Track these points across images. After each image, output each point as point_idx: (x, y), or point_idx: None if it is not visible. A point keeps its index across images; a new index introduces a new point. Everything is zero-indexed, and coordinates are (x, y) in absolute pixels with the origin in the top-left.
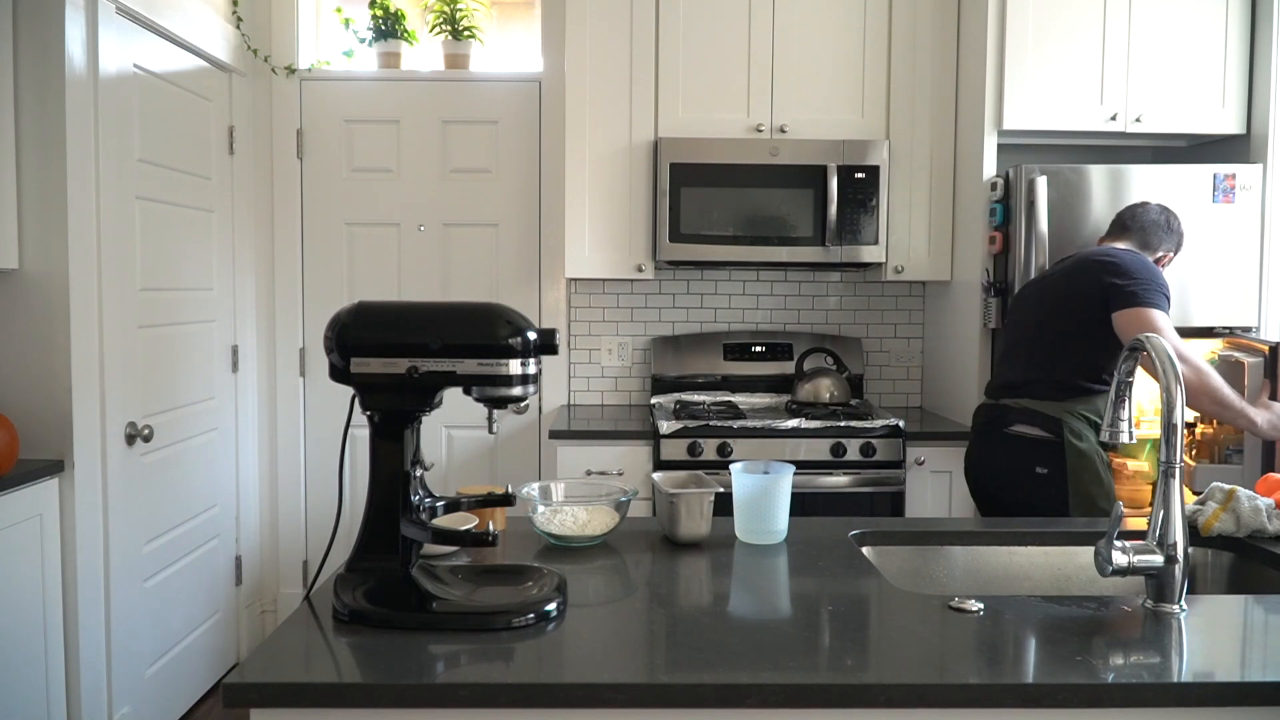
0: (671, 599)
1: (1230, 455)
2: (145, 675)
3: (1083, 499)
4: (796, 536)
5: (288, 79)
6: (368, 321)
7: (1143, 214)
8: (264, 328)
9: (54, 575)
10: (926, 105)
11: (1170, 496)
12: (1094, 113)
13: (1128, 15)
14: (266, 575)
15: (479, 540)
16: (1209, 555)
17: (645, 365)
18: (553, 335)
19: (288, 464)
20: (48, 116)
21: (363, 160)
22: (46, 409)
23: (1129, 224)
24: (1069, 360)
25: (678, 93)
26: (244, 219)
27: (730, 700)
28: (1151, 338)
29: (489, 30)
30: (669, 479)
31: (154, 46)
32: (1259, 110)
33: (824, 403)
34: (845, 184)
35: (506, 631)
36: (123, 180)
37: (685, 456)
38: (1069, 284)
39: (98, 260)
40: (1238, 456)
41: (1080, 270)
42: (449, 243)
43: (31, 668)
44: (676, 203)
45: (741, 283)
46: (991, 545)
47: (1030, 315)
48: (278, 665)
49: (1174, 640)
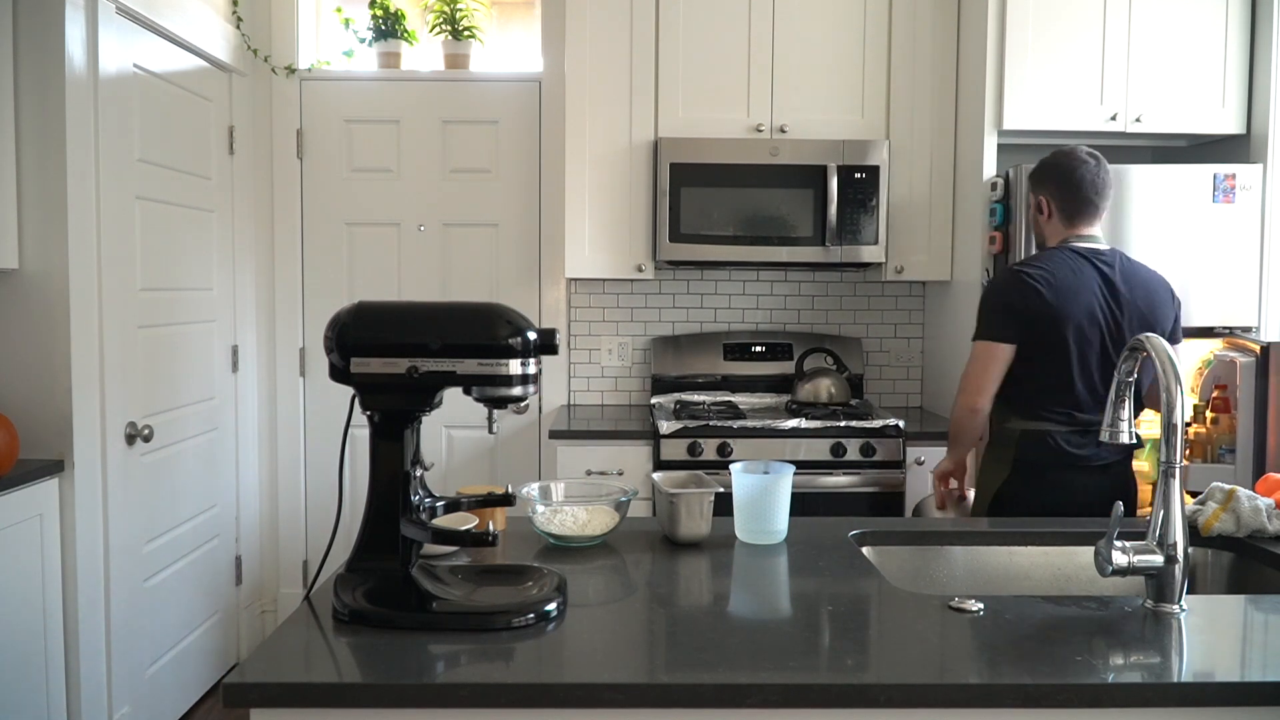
0: (671, 599)
1: (1224, 455)
2: (145, 675)
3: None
4: (796, 536)
5: (288, 79)
6: (368, 321)
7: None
8: (264, 328)
9: (54, 575)
10: (926, 105)
11: (1170, 496)
12: (1094, 113)
13: (1128, 15)
14: (266, 575)
15: (479, 540)
16: (1209, 555)
17: (645, 365)
18: (553, 335)
19: (288, 464)
20: (48, 116)
21: (363, 160)
22: (46, 409)
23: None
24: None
25: (678, 93)
26: (244, 219)
27: (730, 700)
28: (1152, 338)
29: (489, 30)
30: (669, 479)
31: (154, 46)
32: (1259, 110)
33: (824, 403)
34: (845, 184)
35: (506, 631)
36: (123, 180)
37: (685, 456)
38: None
39: (98, 260)
40: (1230, 456)
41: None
42: (449, 243)
43: (31, 668)
44: (676, 203)
45: (741, 283)
46: (991, 545)
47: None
48: (278, 665)
49: (1174, 640)
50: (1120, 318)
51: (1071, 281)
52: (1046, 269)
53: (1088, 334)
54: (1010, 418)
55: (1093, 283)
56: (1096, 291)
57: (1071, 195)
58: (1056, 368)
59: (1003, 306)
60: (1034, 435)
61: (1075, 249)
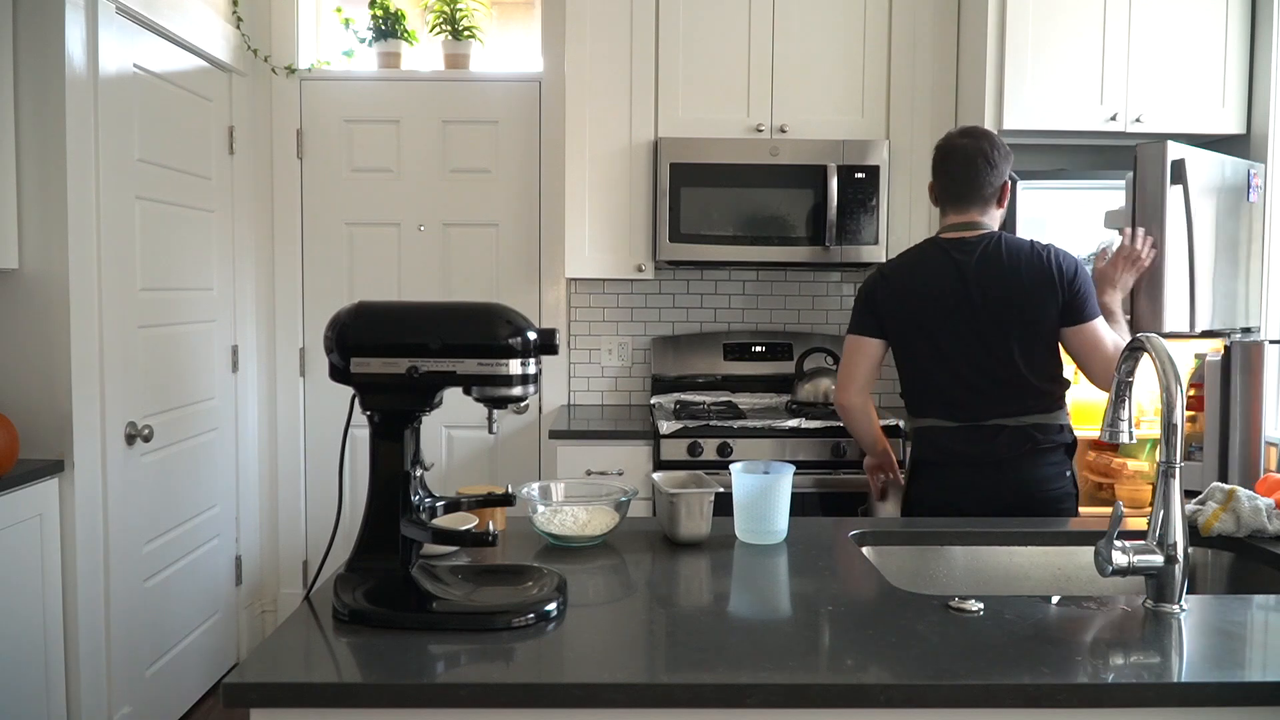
0: (671, 599)
1: (1194, 451)
2: (145, 675)
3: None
4: (796, 536)
5: (288, 79)
6: (368, 321)
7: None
8: (264, 328)
9: (54, 575)
10: (926, 105)
11: (1170, 496)
12: (1094, 113)
13: (1128, 15)
14: (266, 575)
15: (479, 540)
16: (1209, 555)
17: (645, 365)
18: (553, 335)
19: (288, 464)
20: (48, 116)
21: (363, 160)
22: (46, 409)
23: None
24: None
25: (678, 93)
26: (244, 219)
27: (730, 700)
28: (1152, 338)
29: (489, 30)
30: (669, 479)
31: (154, 46)
32: (1259, 110)
33: (824, 403)
34: (845, 184)
35: (506, 631)
36: (123, 180)
37: (685, 456)
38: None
39: (98, 260)
40: (1199, 453)
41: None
42: (449, 243)
43: (31, 668)
44: (676, 203)
45: (741, 283)
46: (991, 545)
47: None
48: (278, 665)
49: (1174, 640)
50: (978, 307)
51: (920, 274)
52: (899, 263)
53: (940, 326)
54: (906, 417)
55: (944, 274)
56: (947, 283)
57: (938, 184)
58: (918, 362)
59: (863, 300)
60: (922, 433)
61: (936, 240)
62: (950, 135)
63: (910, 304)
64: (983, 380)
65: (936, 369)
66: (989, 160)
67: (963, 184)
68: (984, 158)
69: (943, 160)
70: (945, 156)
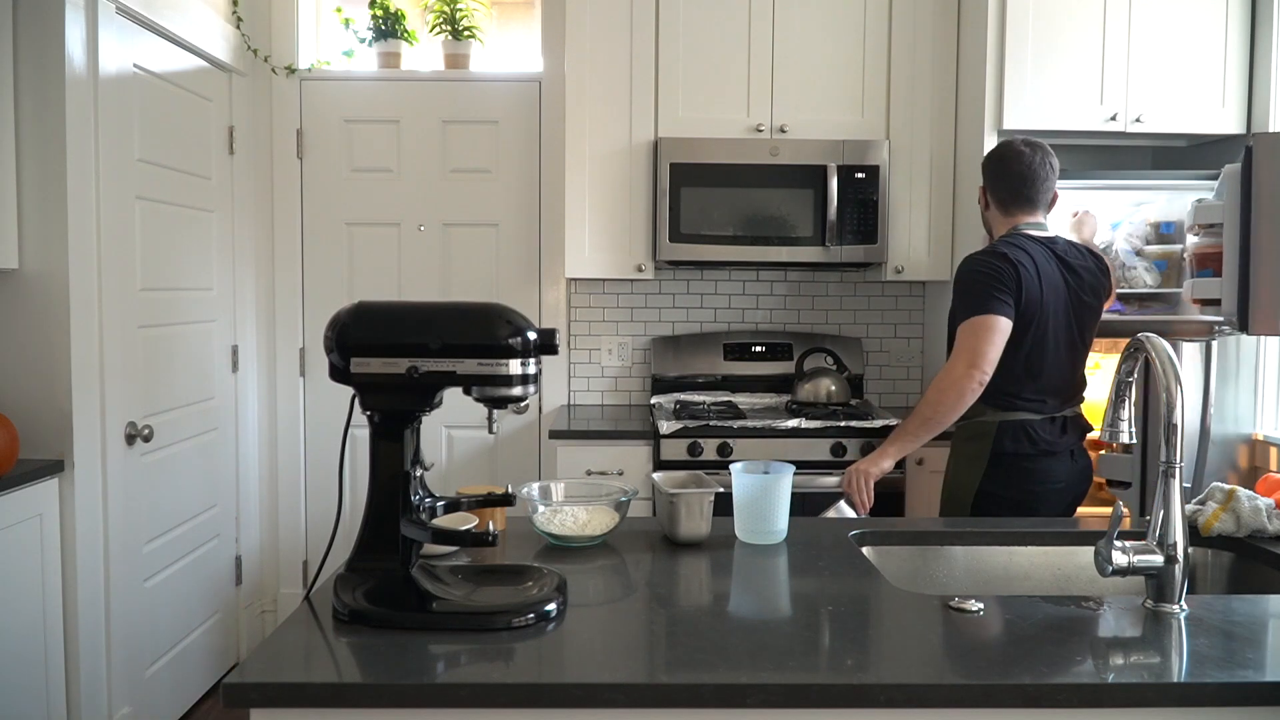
0: (671, 599)
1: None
2: (145, 675)
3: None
4: (796, 536)
5: (288, 79)
6: (368, 321)
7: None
8: (264, 328)
9: (54, 575)
10: (926, 105)
11: (1170, 496)
12: (1094, 113)
13: (1128, 16)
14: (266, 575)
15: (479, 540)
16: (1209, 555)
17: (645, 365)
18: (553, 335)
19: (288, 464)
20: (48, 116)
21: (363, 160)
22: (46, 409)
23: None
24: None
25: (678, 93)
26: (244, 219)
27: (730, 700)
28: (1152, 338)
29: (489, 30)
30: (669, 479)
31: (154, 46)
32: (1259, 110)
33: (824, 403)
34: (845, 184)
35: (506, 631)
36: (122, 180)
37: (685, 456)
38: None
39: (98, 260)
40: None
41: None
42: (449, 243)
43: (31, 668)
44: (676, 203)
45: (741, 283)
46: (991, 545)
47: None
48: (278, 665)
49: (1174, 640)
50: (1075, 303)
51: (1041, 265)
52: (1013, 252)
53: (1059, 318)
54: (984, 410)
55: (1054, 267)
56: (1058, 276)
57: (1004, 187)
58: (1036, 353)
59: (997, 281)
60: (1010, 425)
61: (1030, 236)
62: (1015, 143)
63: (1033, 293)
64: (1069, 373)
65: (1040, 359)
66: (1052, 168)
67: (1033, 188)
68: (1049, 166)
69: (1015, 165)
70: (1016, 162)
